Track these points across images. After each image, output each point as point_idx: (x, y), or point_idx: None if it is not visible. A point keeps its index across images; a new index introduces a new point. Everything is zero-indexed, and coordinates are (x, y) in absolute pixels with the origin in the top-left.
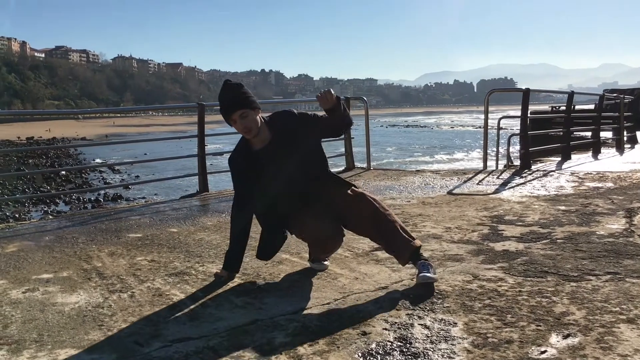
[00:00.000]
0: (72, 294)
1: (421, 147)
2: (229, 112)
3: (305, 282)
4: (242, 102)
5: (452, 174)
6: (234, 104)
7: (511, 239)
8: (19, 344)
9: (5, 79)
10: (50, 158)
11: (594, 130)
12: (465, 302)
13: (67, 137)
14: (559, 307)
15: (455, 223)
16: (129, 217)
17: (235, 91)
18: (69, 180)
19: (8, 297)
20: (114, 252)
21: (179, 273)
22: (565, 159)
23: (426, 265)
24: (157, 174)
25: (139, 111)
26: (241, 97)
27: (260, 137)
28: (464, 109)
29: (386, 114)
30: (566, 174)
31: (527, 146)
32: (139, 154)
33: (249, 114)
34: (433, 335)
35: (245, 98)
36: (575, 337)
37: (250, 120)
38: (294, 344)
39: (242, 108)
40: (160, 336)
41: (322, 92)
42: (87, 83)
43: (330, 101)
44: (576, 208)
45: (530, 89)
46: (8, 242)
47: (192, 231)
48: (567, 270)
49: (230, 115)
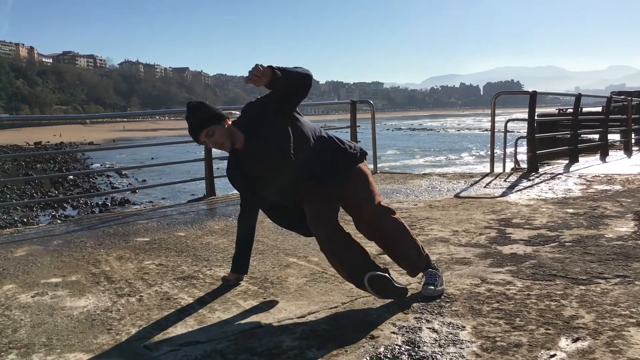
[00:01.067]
0: (80, 298)
1: (427, 150)
2: (195, 135)
3: (313, 286)
4: (204, 121)
5: (459, 177)
6: (196, 126)
7: (519, 242)
8: (29, 348)
9: (13, 84)
10: (58, 163)
11: (601, 133)
12: (474, 306)
13: (75, 141)
14: (568, 311)
15: (463, 226)
16: (137, 221)
17: (195, 112)
18: (77, 184)
19: (17, 301)
20: (122, 256)
21: (186, 277)
22: (572, 162)
23: (433, 275)
24: (164, 178)
25: (145, 116)
26: (202, 116)
27: (238, 141)
28: (471, 112)
29: (392, 118)
30: (574, 176)
31: (534, 149)
32: (146, 158)
33: (214, 130)
34: (441, 339)
35: (207, 116)
36: (584, 341)
37: (217, 135)
38: (302, 348)
39: (205, 127)
40: (168, 340)
41: (249, 71)
42: (94, 88)
43: (265, 75)
44: (584, 211)
45: (537, 91)
46: (17, 246)
47: (199, 235)
48: (576, 273)
49: (197, 137)
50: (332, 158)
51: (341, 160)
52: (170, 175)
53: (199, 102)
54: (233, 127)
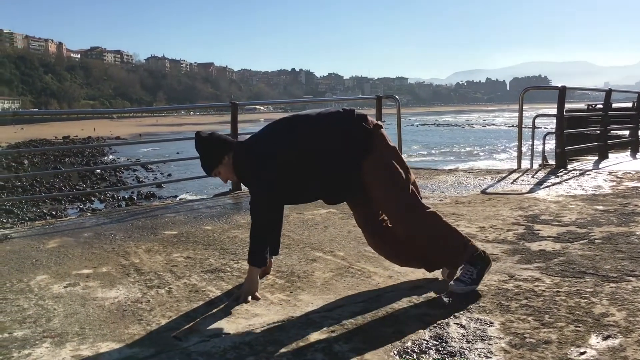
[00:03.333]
0: (111, 289)
1: (453, 146)
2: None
3: (339, 280)
4: (207, 168)
5: (485, 173)
6: (206, 171)
7: (547, 239)
8: (62, 337)
9: (43, 79)
10: (85, 157)
11: (632, 129)
12: (502, 302)
13: (102, 136)
14: (598, 308)
15: (490, 222)
16: (164, 215)
17: (202, 159)
18: (104, 178)
19: (50, 291)
20: (151, 249)
21: (214, 270)
22: (602, 158)
23: (469, 272)
24: (190, 173)
25: (171, 110)
26: (204, 163)
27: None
28: (496, 107)
29: (417, 113)
30: (604, 173)
31: (563, 145)
32: (172, 153)
33: (219, 171)
34: (469, 335)
35: (208, 162)
36: (615, 339)
37: (223, 175)
38: (329, 341)
39: (212, 171)
40: (197, 331)
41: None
42: (121, 83)
43: (255, 282)
44: (615, 208)
45: (567, 86)
46: (49, 238)
47: (226, 229)
48: (606, 270)
49: (210, 175)
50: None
51: (351, 167)
52: (195, 169)
53: (203, 140)
54: (234, 159)
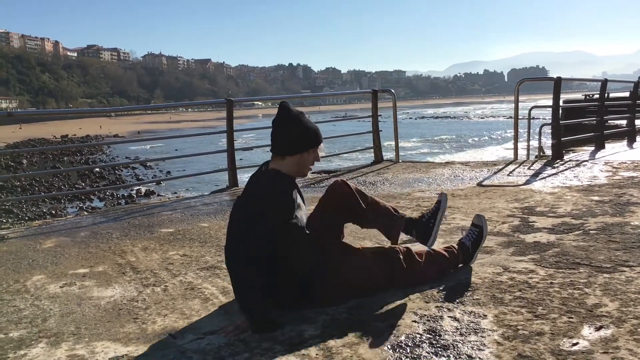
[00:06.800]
0: (107, 288)
1: (450, 138)
2: (319, 142)
3: None
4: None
5: (481, 165)
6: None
7: (542, 231)
8: (58, 337)
9: (40, 78)
10: (84, 155)
11: (628, 119)
12: (495, 295)
13: (100, 134)
14: (591, 299)
15: (485, 215)
16: (161, 213)
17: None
18: (103, 176)
19: (46, 291)
20: (147, 247)
21: (210, 267)
22: (598, 149)
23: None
24: (188, 170)
25: (169, 108)
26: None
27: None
28: (494, 99)
29: (414, 106)
30: (600, 163)
31: (559, 136)
32: (170, 150)
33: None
34: (463, 328)
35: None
36: (608, 329)
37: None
38: (323, 337)
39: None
40: (193, 329)
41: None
42: (118, 81)
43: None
44: (610, 198)
45: (562, 77)
46: (45, 237)
47: (222, 226)
48: (600, 261)
49: (319, 144)
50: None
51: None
52: (193, 166)
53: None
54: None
